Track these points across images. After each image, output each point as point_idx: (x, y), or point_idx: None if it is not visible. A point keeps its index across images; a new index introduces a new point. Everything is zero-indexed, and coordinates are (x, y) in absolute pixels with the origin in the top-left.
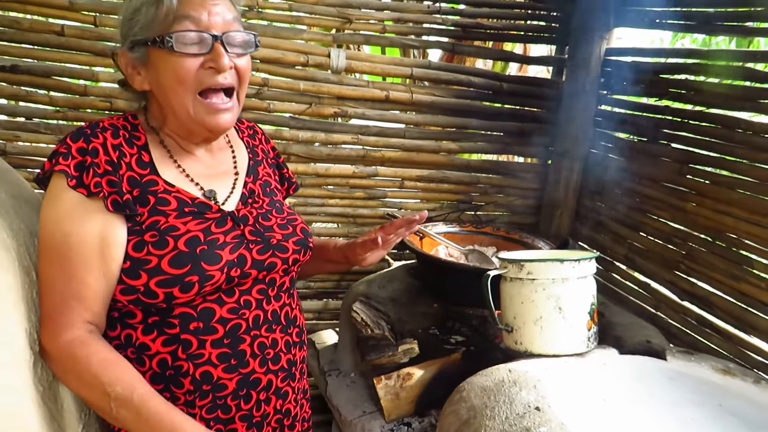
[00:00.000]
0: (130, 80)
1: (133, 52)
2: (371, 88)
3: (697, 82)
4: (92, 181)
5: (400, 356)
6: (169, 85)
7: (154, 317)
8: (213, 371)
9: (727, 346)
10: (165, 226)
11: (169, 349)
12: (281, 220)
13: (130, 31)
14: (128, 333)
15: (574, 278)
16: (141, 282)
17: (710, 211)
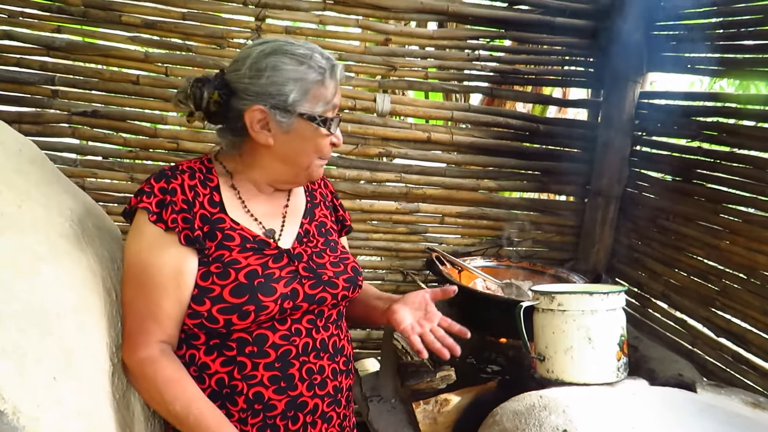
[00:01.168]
0: (254, 134)
1: (279, 115)
2: (414, 129)
3: (728, 124)
4: (170, 217)
5: (437, 382)
6: (304, 152)
7: (215, 340)
8: (264, 392)
9: (763, 383)
10: (228, 259)
11: (226, 370)
12: (334, 258)
13: (277, 96)
14: (192, 353)
15: (603, 310)
16: (205, 308)
17: (743, 249)
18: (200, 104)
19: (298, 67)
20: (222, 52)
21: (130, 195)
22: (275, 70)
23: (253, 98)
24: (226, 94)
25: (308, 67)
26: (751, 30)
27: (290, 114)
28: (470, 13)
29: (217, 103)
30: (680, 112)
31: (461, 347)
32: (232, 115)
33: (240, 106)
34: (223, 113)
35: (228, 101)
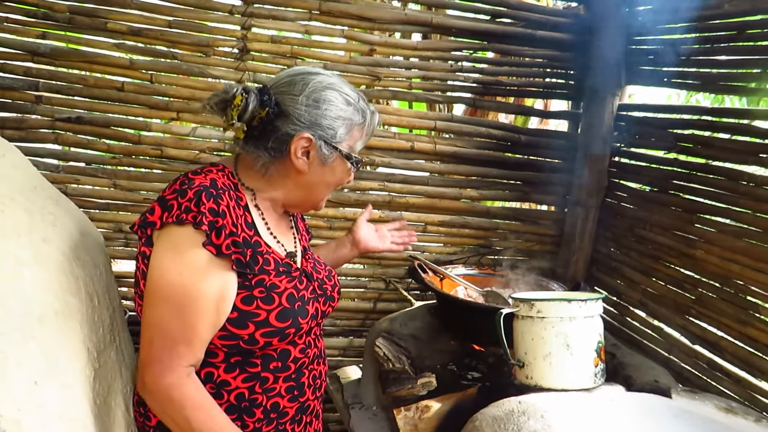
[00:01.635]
0: (294, 157)
1: (324, 147)
2: (398, 139)
3: (703, 137)
4: (224, 242)
5: (419, 389)
6: (328, 184)
7: (237, 357)
8: (280, 401)
9: (737, 390)
10: (269, 283)
11: (247, 385)
12: (325, 271)
13: (326, 130)
14: (209, 371)
15: (581, 317)
16: (247, 332)
17: (718, 258)
18: (243, 116)
19: (347, 107)
20: (208, 61)
21: (112, 201)
22: (330, 104)
23: (304, 126)
24: (275, 114)
25: (355, 110)
26: (726, 46)
27: (332, 149)
28: (453, 25)
29: (262, 120)
30: (657, 125)
31: (442, 356)
32: (275, 136)
33: (288, 130)
34: (263, 131)
35: (273, 121)
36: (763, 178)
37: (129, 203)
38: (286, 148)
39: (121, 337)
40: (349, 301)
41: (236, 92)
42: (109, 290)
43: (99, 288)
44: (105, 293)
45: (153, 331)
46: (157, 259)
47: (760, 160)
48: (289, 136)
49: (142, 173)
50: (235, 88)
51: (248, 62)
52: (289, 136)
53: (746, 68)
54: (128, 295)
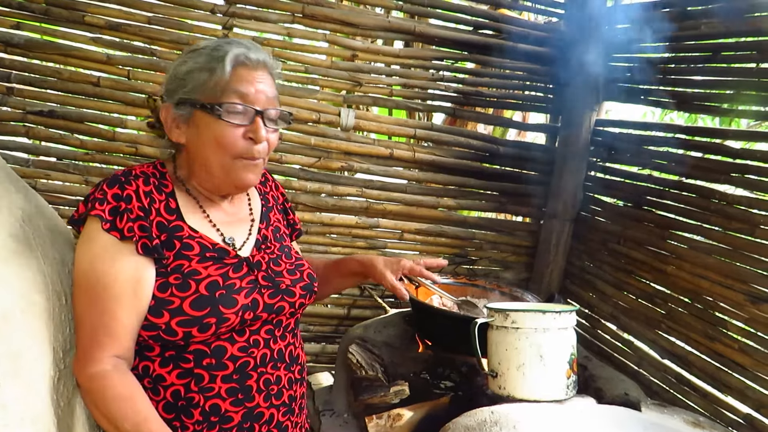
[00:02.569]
0: (168, 132)
1: (178, 109)
2: (377, 145)
3: (677, 155)
4: (125, 225)
5: (391, 397)
6: (209, 147)
7: (171, 351)
8: (221, 404)
9: (703, 404)
10: (188, 269)
11: (182, 382)
12: (290, 265)
13: (178, 90)
14: (146, 365)
15: (555, 329)
16: (163, 320)
17: (688, 274)
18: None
19: (197, 58)
20: None
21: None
22: (178, 68)
23: (166, 98)
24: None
25: (212, 58)
26: (701, 66)
27: (187, 105)
28: (436, 34)
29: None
30: (633, 141)
31: (416, 364)
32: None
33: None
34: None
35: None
36: (734, 197)
37: None
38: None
39: None
40: (323, 306)
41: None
42: None
43: (67, 286)
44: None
45: (77, 322)
46: (76, 252)
47: (731, 179)
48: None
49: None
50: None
51: None
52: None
53: (720, 89)
54: None
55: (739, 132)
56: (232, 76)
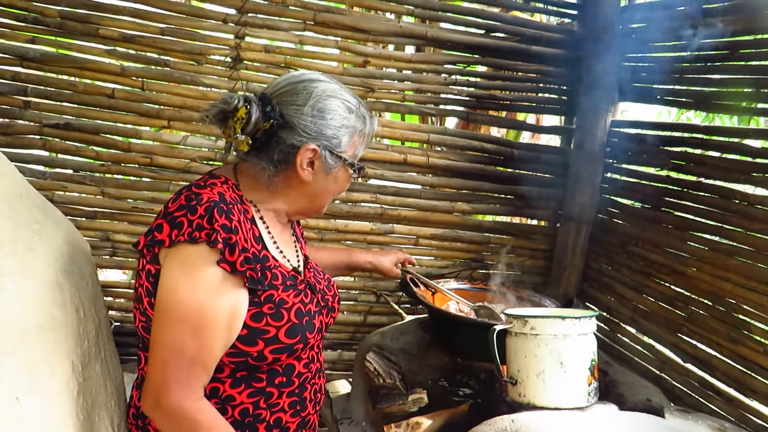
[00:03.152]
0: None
1: (329, 157)
2: (390, 151)
3: (695, 155)
4: (237, 259)
5: (409, 405)
6: (332, 192)
7: (243, 372)
8: (283, 416)
9: (728, 409)
10: (278, 299)
11: (252, 400)
12: (324, 280)
13: (332, 140)
14: (215, 386)
15: (575, 335)
16: (257, 349)
17: (710, 276)
18: (247, 128)
19: (349, 114)
20: (200, 69)
21: (100, 209)
22: (334, 113)
23: (310, 137)
24: (279, 125)
25: (357, 117)
26: (718, 65)
27: (337, 158)
28: (448, 38)
29: (266, 132)
30: (650, 142)
31: (433, 371)
32: (281, 147)
33: (294, 141)
34: (267, 142)
35: (277, 132)
36: (755, 197)
37: (117, 212)
38: (292, 160)
39: (106, 350)
40: (339, 313)
41: (238, 104)
42: (95, 301)
43: (85, 299)
44: (91, 305)
45: (167, 353)
46: (170, 278)
47: (751, 179)
48: (295, 147)
49: (130, 181)
50: (236, 99)
51: (241, 71)
52: (295, 147)
53: (738, 87)
54: (113, 305)
55: (759, 130)
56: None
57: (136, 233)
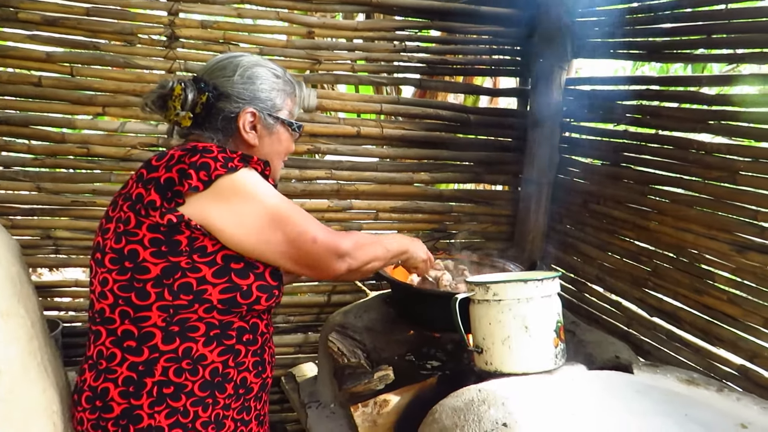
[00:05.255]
0: (244, 132)
1: (267, 118)
2: (343, 124)
3: (651, 107)
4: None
5: (375, 383)
6: (278, 153)
7: (216, 330)
8: (248, 376)
9: (696, 359)
10: None
11: (222, 359)
12: None
13: (266, 102)
14: (188, 346)
15: (539, 297)
16: (247, 282)
17: (671, 228)
18: (186, 105)
19: (277, 79)
20: (133, 50)
21: (38, 206)
22: (263, 79)
23: (246, 102)
24: (215, 97)
25: (284, 81)
26: (668, 13)
27: (275, 118)
28: (396, 3)
29: (204, 105)
30: (606, 97)
31: (399, 346)
32: (222, 116)
33: (232, 108)
34: (208, 114)
35: (215, 104)
36: (712, 146)
37: (56, 207)
38: (235, 126)
39: (44, 354)
40: (302, 296)
41: (173, 84)
42: (26, 303)
43: (11, 302)
44: (19, 307)
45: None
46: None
47: (708, 127)
48: (235, 113)
49: (68, 174)
50: (170, 81)
51: (178, 50)
52: (235, 113)
53: (690, 35)
54: (61, 305)
55: (713, 77)
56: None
57: (78, 228)
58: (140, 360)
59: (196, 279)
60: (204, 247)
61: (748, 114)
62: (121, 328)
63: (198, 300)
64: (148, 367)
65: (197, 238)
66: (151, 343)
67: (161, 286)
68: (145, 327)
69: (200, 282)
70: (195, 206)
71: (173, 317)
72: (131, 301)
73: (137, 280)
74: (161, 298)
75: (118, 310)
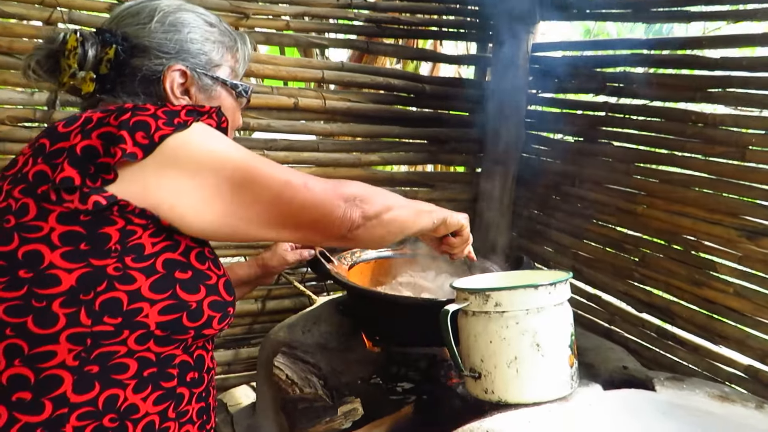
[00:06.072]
0: (174, 97)
1: (204, 77)
2: (276, 94)
3: (638, 75)
4: None
5: (340, 421)
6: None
7: (152, 368)
8: (191, 429)
9: (693, 359)
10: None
11: (160, 409)
12: None
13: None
14: (112, 394)
15: (551, 306)
16: (196, 298)
17: (663, 212)
18: (85, 62)
19: (211, 28)
20: None
21: None
22: (191, 26)
23: (171, 56)
24: (127, 51)
25: (221, 31)
26: None
27: (213, 78)
28: None
29: (112, 63)
30: (581, 65)
31: (362, 367)
32: (141, 76)
33: (153, 65)
34: (119, 76)
35: (129, 60)
36: (715, 117)
37: None
38: (161, 90)
39: None
40: None
41: (66, 36)
42: None
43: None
44: None
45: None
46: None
47: (709, 96)
48: (158, 72)
49: None
50: (61, 32)
51: None
52: (158, 72)
53: None
54: None
55: (717, 38)
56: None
57: None
58: (38, 420)
59: (127, 293)
60: (140, 247)
61: (760, 80)
62: (8, 373)
63: (129, 324)
64: (52, 430)
65: (134, 231)
66: (56, 393)
67: (76, 304)
68: (47, 369)
69: (133, 298)
70: (133, 182)
71: (91, 352)
72: (26, 329)
73: (38, 297)
74: (75, 323)
75: (4, 345)
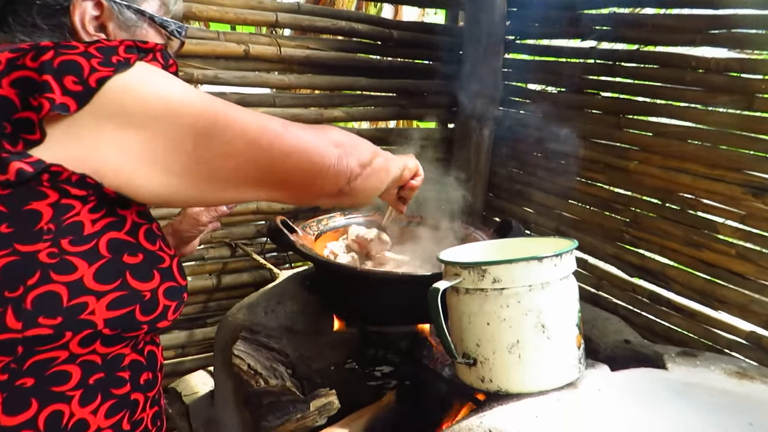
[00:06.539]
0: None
1: (123, 12)
2: (223, 41)
3: (630, 16)
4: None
5: (314, 417)
6: None
7: (99, 374)
8: None
9: (688, 325)
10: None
11: (113, 421)
12: None
13: None
14: (55, 411)
15: (557, 280)
16: (150, 286)
17: (658, 168)
18: None
19: None
20: None
21: None
22: None
23: None
24: None
25: None
26: None
27: (137, 11)
28: None
29: None
30: (564, 6)
31: (335, 351)
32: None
33: None
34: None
35: None
36: (718, 62)
37: None
38: (67, 22)
39: None
40: None
41: None
42: None
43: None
44: None
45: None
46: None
47: (712, 38)
48: (64, 2)
49: None
50: None
51: None
52: (64, 2)
53: None
54: None
55: None
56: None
57: None
58: None
59: (67, 285)
60: (78, 226)
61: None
62: None
63: (71, 325)
64: None
65: (71, 206)
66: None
67: (0, 304)
68: None
69: (75, 291)
70: (66, 141)
71: (23, 362)
72: None
73: None
74: (0, 328)
75: None
